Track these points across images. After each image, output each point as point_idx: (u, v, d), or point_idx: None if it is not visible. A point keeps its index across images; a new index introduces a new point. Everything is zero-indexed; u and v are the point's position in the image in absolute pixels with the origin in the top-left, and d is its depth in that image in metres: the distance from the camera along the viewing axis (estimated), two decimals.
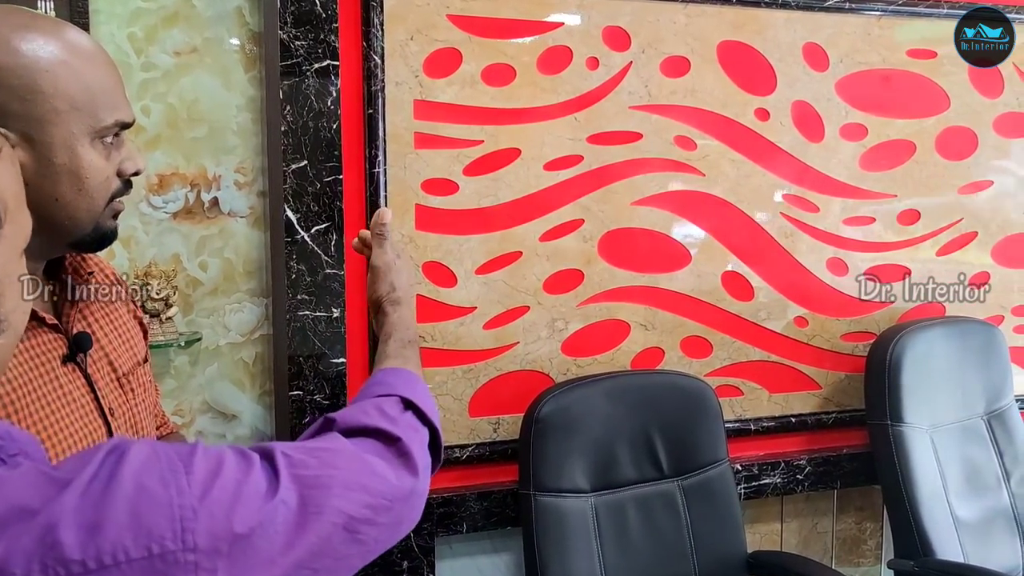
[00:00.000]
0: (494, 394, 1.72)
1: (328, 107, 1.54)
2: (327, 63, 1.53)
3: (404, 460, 0.75)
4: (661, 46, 1.75)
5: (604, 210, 1.75)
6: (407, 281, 1.01)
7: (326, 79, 1.53)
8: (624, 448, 1.64)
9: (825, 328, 1.94)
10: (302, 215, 1.54)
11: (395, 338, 0.95)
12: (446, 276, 1.67)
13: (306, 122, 1.53)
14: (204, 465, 0.59)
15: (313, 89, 1.53)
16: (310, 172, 1.54)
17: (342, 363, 1.58)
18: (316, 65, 1.53)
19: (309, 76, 1.52)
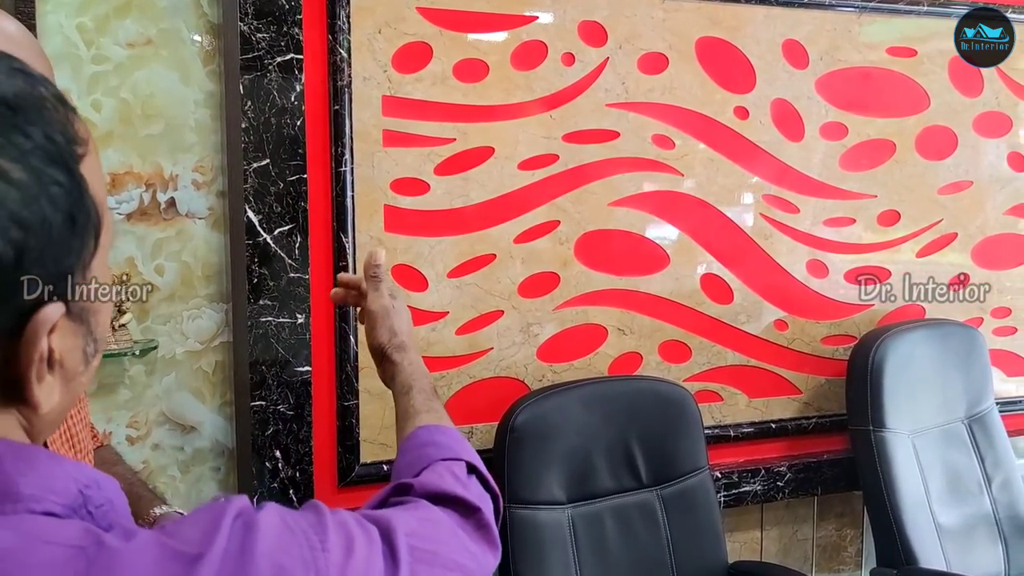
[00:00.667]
0: (467, 402, 1.66)
1: (292, 103, 1.47)
2: (290, 57, 1.47)
3: (484, 533, 0.71)
4: (638, 42, 1.71)
5: (580, 211, 1.70)
6: (407, 324, 0.98)
7: (289, 74, 1.47)
8: (601, 457, 1.59)
9: (805, 331, 1.91)
10: (264, 216, 1.47)
11: (417, 389, 0.91)
12: (417, 280, 1.61)
13: (268, 119, 1.46)
14: (337, 541, 0.54)
15: (276, 84, 1.46)
16: (273, 171, 1.47)
17: (307, 371, 1.52)
18: (279, 59, 1.46)
19: (271, 70, 1.46)
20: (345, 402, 1.57)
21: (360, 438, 1.59)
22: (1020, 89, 2.04)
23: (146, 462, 1.54)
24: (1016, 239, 2.09)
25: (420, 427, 0.84)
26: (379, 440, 1.61)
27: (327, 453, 1.57)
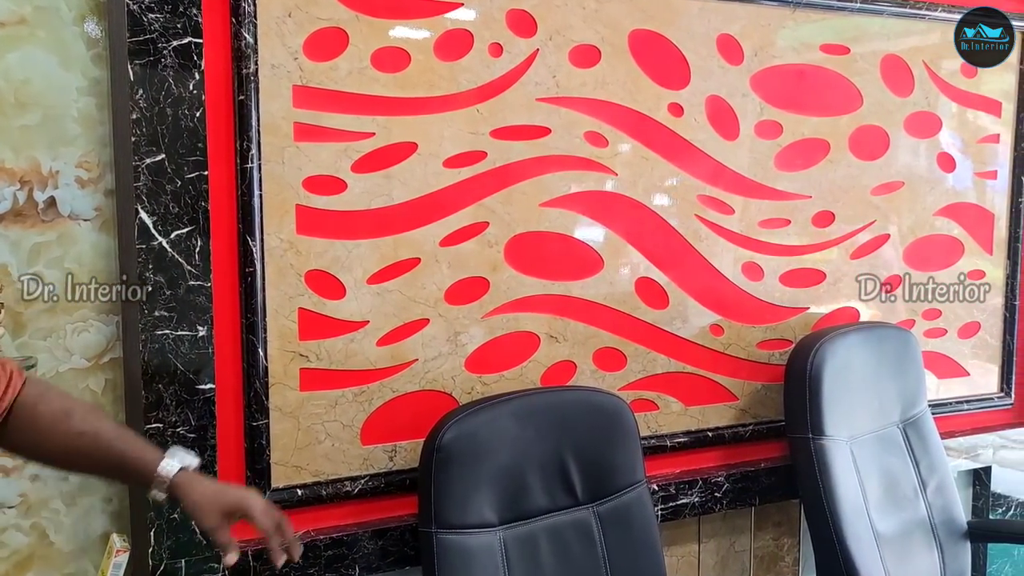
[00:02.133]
0: (390, 418, 1.56)
1: (190, 92, 1.33)
2: (188, 41, 1.33)
3: None
4: (569, 33, 1.63)
5: (510, 212, 1.61)
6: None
7: (187, 59, 1.33)
8: (535, 474, 1.51)
9: (741, 336, 1.87)
10: (159, 217, 1.33)
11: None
12: (333, 286, 1.49)
13: (163, 109, 1.32)
14: None
15: (171, 70, 1.32)
16: (169, 167, 1.33)
17: (210, 389, 1.38)
18: (175, 43, 1.32)
19: (166, 55, 1.32)
20: (254, 422, 1.44)
21: (271, 461, 1.46)
22: (948, 89, 2.05)
23: (24, 495, 1.38)
24: (946, 240, 2.10)
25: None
26: (292, 463, 1.48)
27: (234, 478, 1.44)
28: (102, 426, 1.06)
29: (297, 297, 1.46)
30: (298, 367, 1.47)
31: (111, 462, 1.05)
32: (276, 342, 1.45)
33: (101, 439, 1.04)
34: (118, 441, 1.05)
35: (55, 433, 1.02)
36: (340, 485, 1.52)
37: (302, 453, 1.49)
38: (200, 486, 1.07)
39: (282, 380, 1.46)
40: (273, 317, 1.44)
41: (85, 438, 1.03)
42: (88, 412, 1.07)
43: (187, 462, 1.08)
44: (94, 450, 1.03)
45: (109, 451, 1.04)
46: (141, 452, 1.06)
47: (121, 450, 1.05)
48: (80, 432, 1.03)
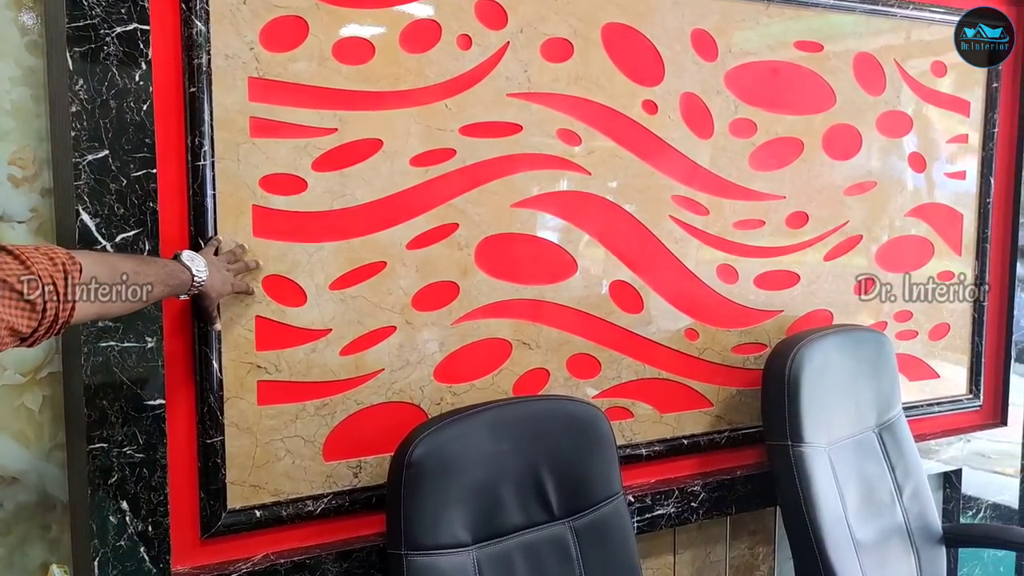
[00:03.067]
0: (355, 432, 1.48)
1: (136, 83, 1.24)
2: (134, 28, 1.23)
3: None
4: (541, 25, 1.57)
5: (480, 213, 1.54)
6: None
7: (133, 47, 1.23)
8: (510, 490, 1.44)
9: (716, 340, 1.83)
10: (103, 219, 1.23)
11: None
12: (293, 293, 1.41)
13: (106, 101, 1.22)
14: None
15: (115, 59, 1.22)
16: (113, 165, 1.23)
17: (160, 405, 1.29)
18: (119, 29, 1.23)
19: (109, 43, 1.22)
20: (208, 439, 1.35)
21: (227, 480, 1.38)
22: (919, 88, 2.04)
23: None
24: (917, 241, 2.09)
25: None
26: (250, 482, 1.40)
27: (187, 500, 1.35)
28: (141, 273, 1.09)
29: (254, 304, 1.38)
30: (255, 379, 1.39)
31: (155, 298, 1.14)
32: (231, 353, 1.36)
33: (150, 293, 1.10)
34: (159, 282, 1.12)
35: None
36: (301, 504, 1.43)
37: (260, 471, 1.40)
38: (215, 284, 1.25)
39: (238, 394, 1.38)
40: (228, 326, 1.36)
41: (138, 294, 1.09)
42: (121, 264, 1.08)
43: (201, 265, 1.22)
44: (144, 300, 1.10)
45: (151, 296, 1.11)
46: (170, 273, 1.16)
47: (161, 292, 1.14)
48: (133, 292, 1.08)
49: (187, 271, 1.18)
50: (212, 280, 1.23)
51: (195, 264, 1.20)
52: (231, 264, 1.32)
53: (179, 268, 1.18)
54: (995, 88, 2.13)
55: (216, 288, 1.25)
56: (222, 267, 1.28)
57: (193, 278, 1.19)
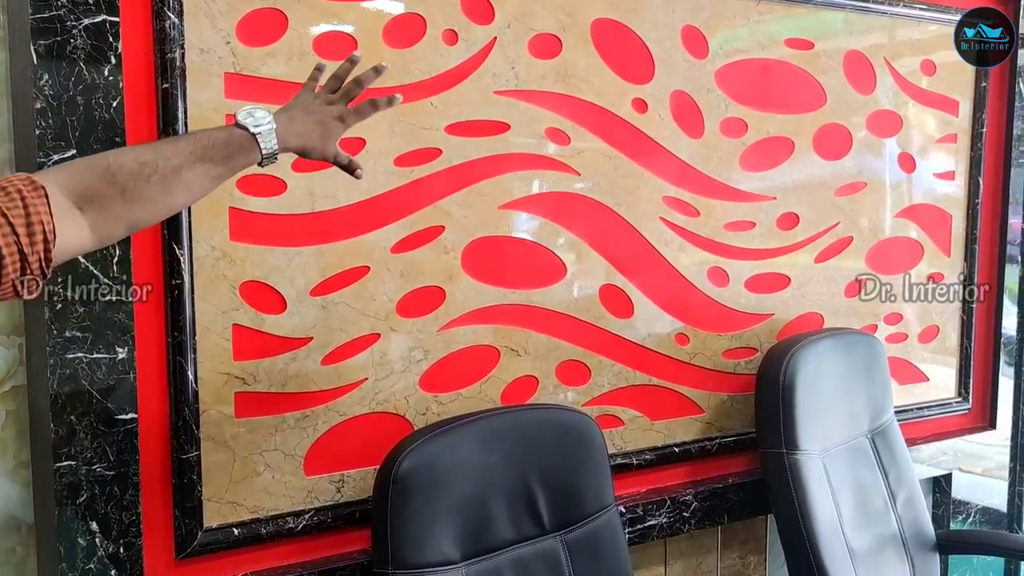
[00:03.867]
0: (337, 445, 1.43)
1: (105, 78, 1.18)
2: (102, 19, 1.18)
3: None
4: (529, 20, 1.54)
5: (468, 215, 1.50)
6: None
7: (101, 40, 1.18)
8: (500, 503, 1.40)
9: (707, 345, 1.81)
10: None
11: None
12: (272, 299, 1.36)
13: (73, 97, 1.16)
14: None
15: (83, 53, 1.17)
16: None
17: (132, 419, 1.23)
18: (86, 21, 1.17)
19: (77, 36, 1.16)
20: (183, 454, 1.29)
21: (203, 497, 1.32)
22: (909, 87, 2.04)
23: None
24: (906, 243, 2.09)
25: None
26: (227, 498, 1.34)
27: (160, 520, 1.29)
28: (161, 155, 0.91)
29: (231, 312, 1.32)
30: (233, 391, 1.34)
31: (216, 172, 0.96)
32: (207, 363, 1.31)
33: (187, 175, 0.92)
34: (197, 158, 0.93)
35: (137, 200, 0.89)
36: (282, 521, 1.38)
37: (239, 487, 1.35)
38: (301, 129, 1.03)
39: (215, 406, 1.32)
40: (204, 335, 1.30)
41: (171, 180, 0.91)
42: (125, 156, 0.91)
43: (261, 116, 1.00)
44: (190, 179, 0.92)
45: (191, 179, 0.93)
46: (215, 142, 0.96)
47: (210, 171, 0.95)
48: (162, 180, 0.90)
49: (244, 131, 0.97)
50: (300, 134, 1.02)
51: (254, 117, 0.98)
52: (333, 95, 1.07)
53: (230, 131, 0.97)
54: (984, 87, 2.13)
55: (315, 142, 1.04)
56: (322, 107, 1.06)
57: (256, 137, 0.97)
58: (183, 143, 0.94)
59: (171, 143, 0.95)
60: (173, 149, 0.92)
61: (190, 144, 0.93)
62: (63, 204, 0.84)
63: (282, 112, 1.03)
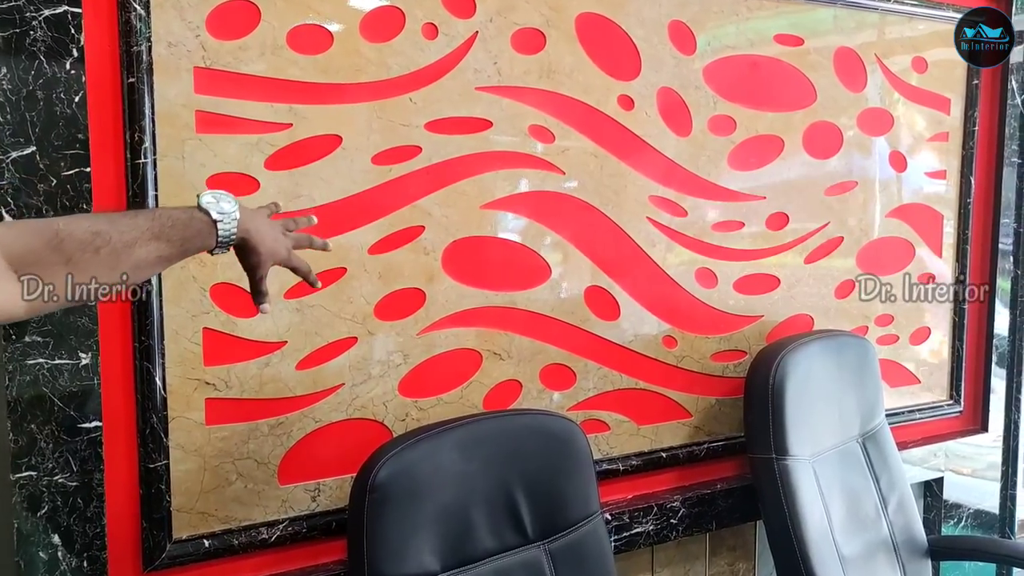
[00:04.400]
0: (312, 452, 1.39)
1: (67, 72, 1.14)
2: (64, 10, 1.14)
3: None
4: (512, 14, 1.50)
5: (448, 215, 1.47)
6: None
7: (63, 32, 1.14)
8: (481, 512, 1.37)
9: (695, 348, 1.78)
10: None
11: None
12: (244, 302, 1.31)
13: (33, 92, 1.12)
14: None
15: (43, 45, 1.13)
16: (41, 162, 1.13)
17: (96, 428, 1.19)
18: (47, 12, 1.13)
19: (36, 27, 1.12)
20: (150, 463, 1.25)
21: (172, 508, 1.28)
22: (900, 84, 2.01)
23: None
24: (898, 243, 2.07)
25: None
26: (198, 509, 1.30)
27: (127, 531, 1.25)
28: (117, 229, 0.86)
29: (201, 315, 1.28)
30: (203, 397, 1.30)
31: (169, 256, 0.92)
32: (176, 369, 1.27)
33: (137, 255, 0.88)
34: (153, 237, 0.89)
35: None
36: (255, 532, 1.34)
37: (209, 497, 1.31)
38: (264, 238, 1.02)
39: (184, 413, 1.28)
40: (173, 339, 1.26)
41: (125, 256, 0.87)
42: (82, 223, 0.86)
43: (228, 206, 0.97)
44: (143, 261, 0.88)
45: (140, 259, 0.89)
46: (174, 223, 0.92)
47: (161, 251, 0.90)
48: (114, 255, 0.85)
49: (205, 215, 0.94)
50: (258, 230, 1.00)
51: (220, 205, 0.95)
52: (289, 231, 1.09)
53: (191, 213, 0.93)
54: (976, 85, 2.11)
55: (268, 245, 1.02)
56: (278, 228, 1.06)
57: (216, 224, 0.94)
58: (142, 218, 0.90)
59: (129, 216, 0.90)
60: (131, 223, 0.88)
61: (148, 220, 0.90)
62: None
63: (247, 209, 1.01)
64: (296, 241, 1.10)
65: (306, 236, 1.12)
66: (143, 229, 0.88)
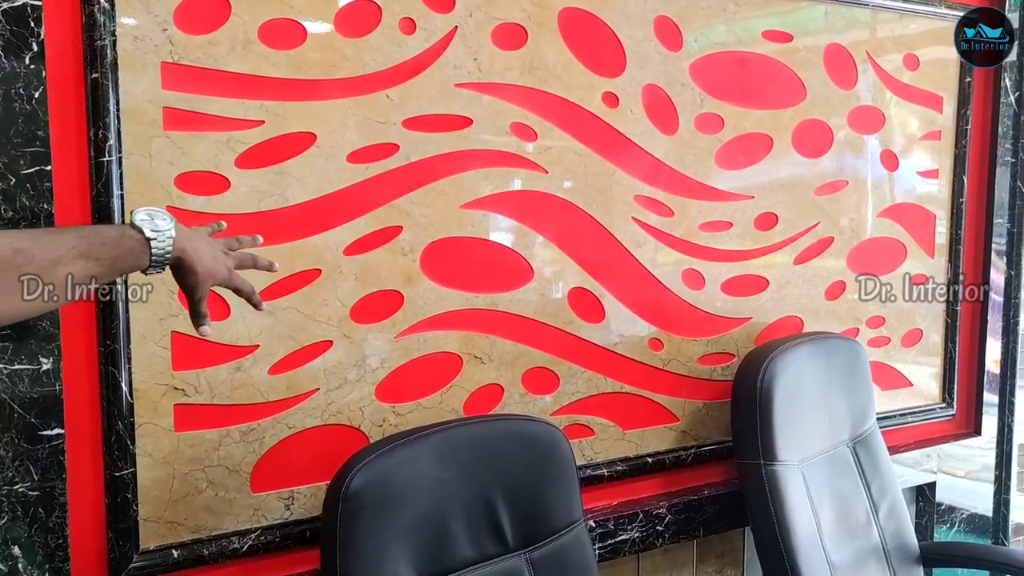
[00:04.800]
0: (286, 460, 1.36)
1: (26, 66, 1.11)
2: (22, 2, 1.10)
3: None
4: (492, 9, 1.47)
5: (427, 215, 1.44)
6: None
7: (21, 25, 1.10)
8: (459, 521, 1.34)
9: (681, 351, 1.75)
10: None
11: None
12: (214, 304, 1.26)
13: None
14: None
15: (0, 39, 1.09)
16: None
17: (58, 435, 1.16)
18: (5, 4, 1.09)
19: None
20: (116, 471, 1.22)
21: (139, 517, 1.25)
22: (891, 82, 1.99)
23: None
24: (889, 243, 2.04)
25: None
26: (166, 518, 1.27)
27: (91, 542, 1.22)
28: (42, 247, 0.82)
29: (169, 318, 1.25)
30: (172, 403, 1.26)
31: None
32: (143, 374, 1.23)
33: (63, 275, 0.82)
34: (81, 255, 0.84)
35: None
36: (226, 542, 1.31)
37: (178, 506, 1.28)
38: (203, 258, 0.98)
39: (152, 419, 1.25)
40: (140, 343, 1.23)
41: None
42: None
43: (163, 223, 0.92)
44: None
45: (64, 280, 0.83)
46: (104, 241, 0.87)
47: (90, 269, 0.85)
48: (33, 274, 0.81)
49: (138, 233, 0.89)
50: (196, 249, 0.96)
51: (154, 222, 0.90)
52: (232, 250, 1.06)
53: (122, 231, 0.89)
54: (968, 83, 2.08)
55: (206, 264, 0.97)
56: (218, 247, 1.02)
57: (150, 242, 0.90)
58: (69, 235, 0.85)
59: (56, 234, 0.87)
60: (57, 241, 0.83)
61: (76, 238, 0.85)
62: None
63: (185, 228, 0.97)
64: (238, 260, 1.05)
65: (249, 255, 1.08)
66: (69, 247, 0.83)
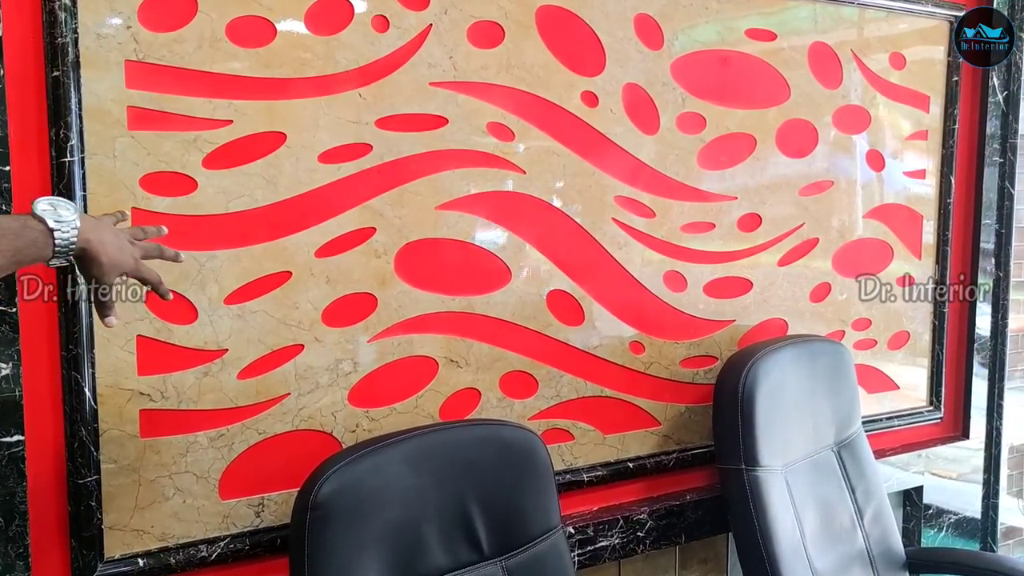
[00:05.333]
0: (256, 466, 1.34)
1: None
2: None
3: None
4: (468, 7, 1.45)
5: (401, 216, 1.42)
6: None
7: None
8: (433, 528, 1.32)
9: (663, 354, 1.74)
10: None
11: None
12: (181, 308, 1.27)
13: None
14: None
15: None
16: None
17: (18, 442, 1.14)
18: None
19: None
20: (79, 479, 1.20)
21: (104, 526, 1.23)
22: (877, 81, 1.98)
23: None
24: (875, 244, 2.03)
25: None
26: (132, 526, 1.25)
27: (54, 552, 1.20)
28: None
29: (135, 322, 1.23)
30: (137, 408, 1.24)
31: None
32: (108, 379, 1.22)
33: None
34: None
35: None
36: (194, 550, 1.29)
37: (144, 514, 1.26)
38: (109, 249, 0.97)
39: (116, 425, 1.23)
40: (103, 347, 1.21)
41: None
42: None
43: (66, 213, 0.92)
44: None
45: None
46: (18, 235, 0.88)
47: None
48: None
49: (41, 224, 0.89)
50: (101, 240, 0.95)
51: (57, 212, 0.90)
52: (138, 240, 1.05)
53: (23, 222, 0.88)
54: (955, 82, 2.07)
55: (111, 255, 0.97)
56: (124, 237, 1.01)
57: (53, 233, 0.89)
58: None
59: None
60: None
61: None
62: None
63: (89, 217, 0.97)
64: (144, 251, 1.04)
65: (155, 246, 1.06)
66: None
